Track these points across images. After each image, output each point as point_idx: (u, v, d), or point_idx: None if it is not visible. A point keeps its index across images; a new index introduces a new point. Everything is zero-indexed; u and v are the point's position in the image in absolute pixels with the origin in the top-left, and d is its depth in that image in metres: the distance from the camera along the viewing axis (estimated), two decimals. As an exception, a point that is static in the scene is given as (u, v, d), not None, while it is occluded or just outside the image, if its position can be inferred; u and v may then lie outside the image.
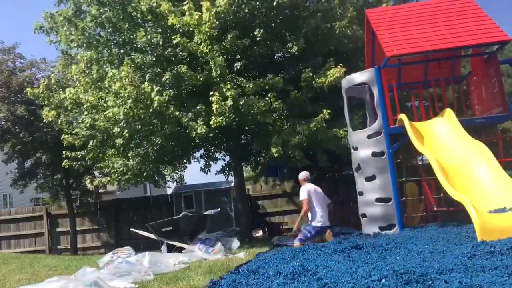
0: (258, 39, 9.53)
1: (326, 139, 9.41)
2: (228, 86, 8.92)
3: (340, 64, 9.31)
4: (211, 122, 8.81)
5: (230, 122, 8.99)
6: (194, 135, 9.11)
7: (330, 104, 9.71)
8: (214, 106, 8.69)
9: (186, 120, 9.10)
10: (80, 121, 10.68)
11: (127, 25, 10.30)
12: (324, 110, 9.13)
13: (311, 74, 9.43)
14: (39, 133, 13.68)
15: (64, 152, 11.29)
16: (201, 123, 9.04)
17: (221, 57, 9.07)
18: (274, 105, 9.17)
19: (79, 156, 11.19)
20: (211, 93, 8.87)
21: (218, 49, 9.25)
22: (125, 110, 8.94)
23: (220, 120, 8.73)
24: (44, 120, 11.12)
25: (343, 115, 9.17)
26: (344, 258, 4.94)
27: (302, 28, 10.00)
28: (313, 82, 9.39)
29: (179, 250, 8.56)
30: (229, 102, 8.69)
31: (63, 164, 11.35)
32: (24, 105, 13.53)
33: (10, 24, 61.91)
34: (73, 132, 10.98)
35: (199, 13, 9.12)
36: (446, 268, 3.72)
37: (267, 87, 9.43)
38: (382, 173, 7.87)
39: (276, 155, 9.07)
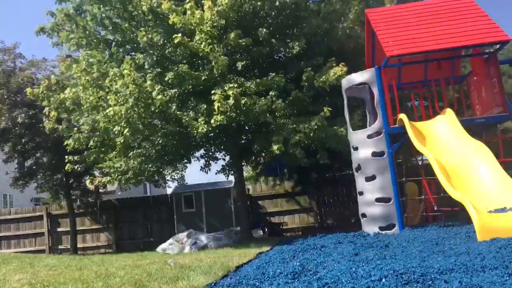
0: (260, 38, 9.53)
1: (327, 137, 9.42)
2: (230, 85, 8.92)
3: (342, 63, 9.31)
4: (212, 121, 8.80)
5: (231, 121, 8.98)
6: (195, 133, 9.10)
7: (331, 102, 9.72)
8: (216, 105, 8.68)
9: (187, 119, 9.09)
10: (81, 123, 10.67)
11: (127, 25, 10.29)
12: (325, 108, 9.14)
13: (312, 73, 9.43)
14: (39, 138, 13.67)
15: (66, 157, 11.33)
16: (202, 122, 9.04)
17: (223, 56, 9.07)
18: (275, 104, 9.17)
19: (79, 159, 11.25)
20: (213, 91, 8.87)
21: (220, 48, 9.25)
22: (127, 108, 8.93)
23: (221, 119, 8.72)
24: (46, 128, 11.19)
25: (343, 114, 9.17)
26: (344, 258, 4.94)
27: (304, 28, 10.00)
28: (315, 81, 9.40)
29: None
30: (231, 101, 8.69)
31: (66, 168, 11.42)
32: (25, 108, 13.48)
33: (10, 24, 61.93)
34: (74, 135, 10.97)
35: (201, 12, 9.11)
36: (446, 268, 3.72)
37: (268, 87, 9.43)
38: (382, 173, 7.87)
39: (277, 152, 9.07)
